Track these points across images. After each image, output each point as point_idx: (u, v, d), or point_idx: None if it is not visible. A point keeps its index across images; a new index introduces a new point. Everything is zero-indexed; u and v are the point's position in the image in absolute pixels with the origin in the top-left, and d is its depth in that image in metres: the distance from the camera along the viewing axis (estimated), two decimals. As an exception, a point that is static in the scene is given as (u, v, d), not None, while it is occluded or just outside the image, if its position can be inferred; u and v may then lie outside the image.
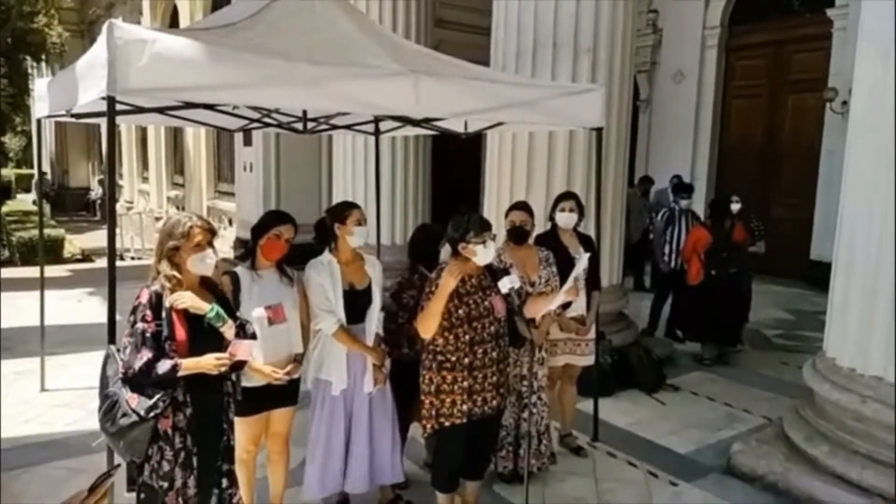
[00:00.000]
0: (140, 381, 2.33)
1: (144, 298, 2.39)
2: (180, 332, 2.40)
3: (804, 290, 8.78)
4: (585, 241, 4.06)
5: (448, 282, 2.79)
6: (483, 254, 2.89)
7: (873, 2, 3.57)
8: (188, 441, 2.46)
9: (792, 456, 3.76)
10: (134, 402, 2.30)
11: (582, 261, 3.35)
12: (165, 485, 2.43)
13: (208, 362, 2.41)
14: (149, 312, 2.37)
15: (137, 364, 2.31)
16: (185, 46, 2.59)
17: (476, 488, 3.27)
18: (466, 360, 2.91)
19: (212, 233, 2.54)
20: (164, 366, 2.33)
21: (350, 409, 3.23)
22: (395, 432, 3.34)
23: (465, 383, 2.92)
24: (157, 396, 2.33)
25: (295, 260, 3.09)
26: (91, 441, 2.58)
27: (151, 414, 2.31)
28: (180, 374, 2.35)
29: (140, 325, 2.35)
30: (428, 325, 2.89)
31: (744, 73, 10.58)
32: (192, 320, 2.45)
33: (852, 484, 3.40)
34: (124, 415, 2.29)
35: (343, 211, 3.20)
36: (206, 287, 2.59)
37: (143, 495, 2.46)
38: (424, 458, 3.82)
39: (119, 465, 2.39)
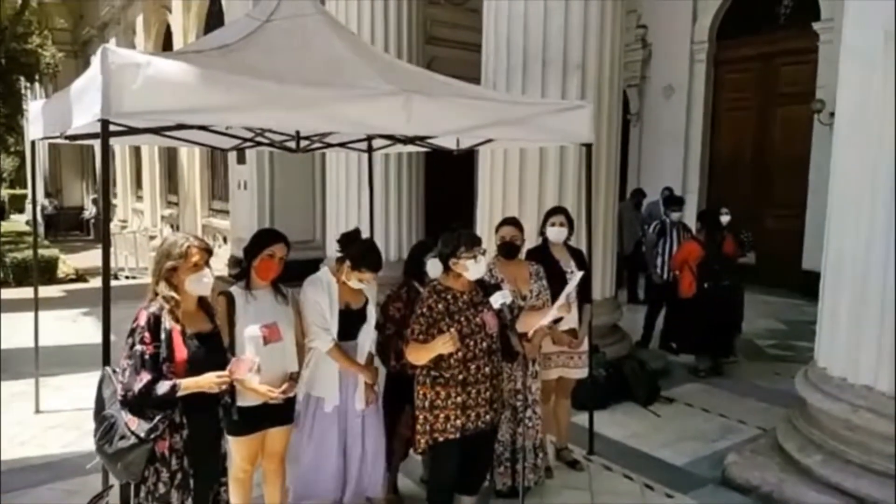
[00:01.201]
0: (140, 403, 2.33)
1: (143, 320, 2.39)
2: (180, 353, 2.41)
3: (797, 300, 8.82)
4: (576, 256, 4.09)
5: (438, 347, 2.82)
6: (474, 268, 2.92)
7: (855, 16, 3.64)
8: (185, 463, 2.46)
9: (786, 466, 3.77)
10: (134, 424, 2.30)
11: (575, 278, 3.38)
12: None
13: (209, 381, 2.42)
14: (147, 334, 2.37)
15: (137, 386, 2.31)
16: (178, 70, 2.63)
17: (472, 504, 3.27)
18: (460, 377, 2.93)
19: (209, 252, 2.56)
20: (163, 387, 2.34)
21: (344, 427, 3.24)
22: (383, 449, 3.35)
23: (459, 399, 2.93)
24: (157, 418, 2.33)
25: (288, 278, 3.10)
26: (86, 463, 2.58)
27: (152, 436, 2.32)
28: (179, 394, 2.36)
29: (139, 348, 2.35)
30: (417, 358, 2.93)
31: (733, 87, 10.71)
32: (191, 340, 2.46)
33: (846, 493, 3.42)
34: (122, 437, 2.29)
35: (361, 262, 3.09)
36: (202, 308, 2.61)
37: (138, 517, 2.45)
38: (421, 474, 3.82)
39: (112, 486, 2.39)
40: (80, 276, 13.07)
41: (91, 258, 15.19)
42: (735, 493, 3.85)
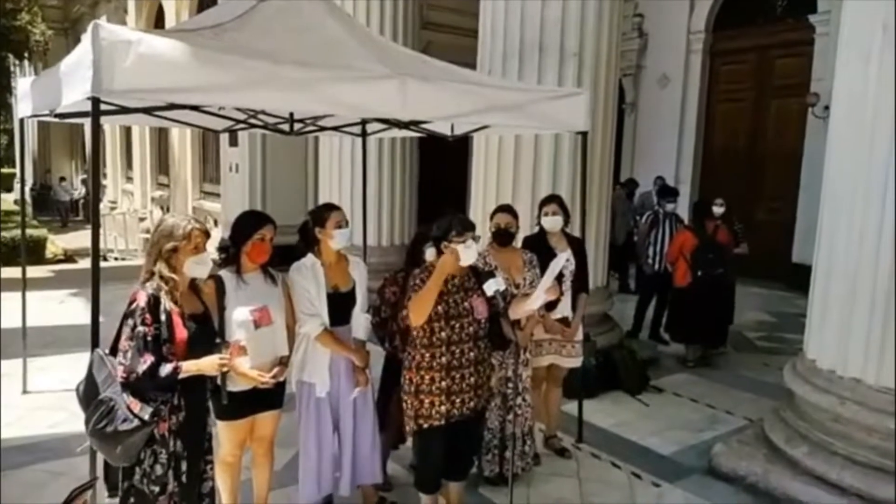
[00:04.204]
0: (143, 385, 2.31)
1: (142, 301, 2.36)
2: (181, 333, 2.40)
3: (786, 293, 8.88)
4: (574, 244, 4.07)
5: (445, 267, 2.82)
6: (465, 253, 2.90)
7: (853, 7, 3.63)
8: (178, 445, 2.45)
9: (772, 457, 3.81)
10: (136, 407, 2.28)
11: (557, 261, 3.35)
12: (157, 489, 2.42)
13: (211, 364, 2.40)
14: (148, 316, 2.35)
15: (141, 368, 2.30)
16: (170, 48, 2.58)
17: (459, 489, 3.28)
18: (444, 360, 2.92)
19: (207, 235, 2.54)
20: (165, 369, 2.33)
21: (336, 412, 3.24)
22: (375, 434, 3.35)
23: (444, 384, 2.93)
24: (159, 401, 2.33)
25: (274, 261, 3.07)
26: (74, 445, 2.56)
27: (155, 418, 2.31)
28: (181, 376, 2.35)
29: (141, 329, 2.33)
30: (421, 310, 2.88)
31: (728, 78, 10.70)
32: (189, 322, 2.44)
33: (831, 484, 3.46)
34: (125, 420, 2.26)
35: (323, 214, 3.18)
36: (192, 290, 2.58)
37: (132, 500, 2.43)
38: (410, 460, 3.82)
39: (97, 479, 2.37)
40: (69, 257, 12.97)
41: (80, 239, 15.07)
42: (721, 483, 3.88)
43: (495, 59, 5.39)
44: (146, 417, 2.28)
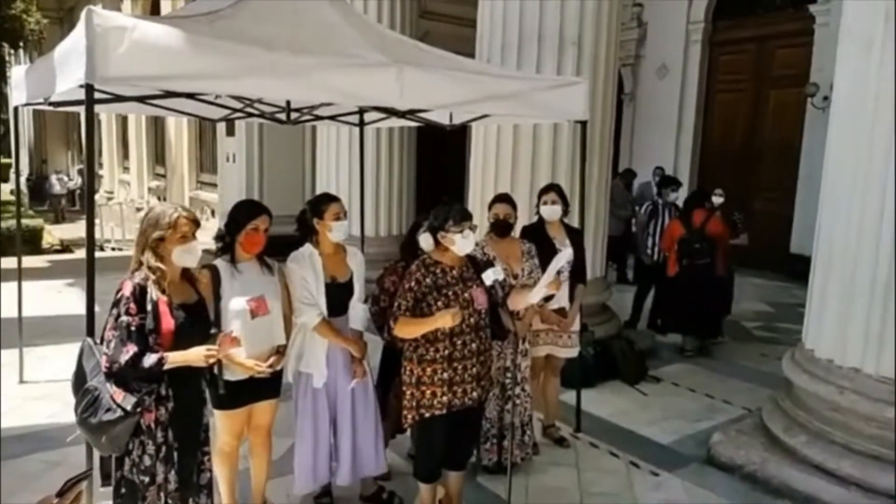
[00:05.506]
0: (125, 375, 2.29)
1: (128, 291, 2.34)
2: (167, 323, 2.37)
3: (784, 283, 8.89)
4: (573, 234, 4.06)
5: (445, 320, 2.79)
6: (461, 243, 2.88)
7: (854, -2, 3.61)
8: (169, 436, 2.44)
9: (770, 446, 3.81)
10: (119, 397, 2.27)
11: (561, 256, 3.34)
12: (146, 479, 2.41)
13: (198, 355, 2.39)
14: (133, 305, 2.32)
15: (123, 358, 2.28)
16: (165, 34, 2.55)
17: (459, 479, 3.27)
18: (446, 352, 2.91)
19: (196, 224, 2.51)
20: (149, 360, 2.30)
21: (334, 402, 3.23)
22: (378, 424, 3.34)
23: (445, 375, 2.92)
24: (143, 391, 2.30)
25: (272, 251, 3.05)
26: (70, 435, 2.55)
27: (138, 409, 2.29)
28: (166, 367, 2.33)
29: (125, 319, 2.31)
30: (408, 334, 2.91)
31: (727, 68, 10.66)
32: (178, 311, 2.42)
33: (829, 473, 3.46)
34: (108, 409, 2.25)
35: (321, 205, 3.14)
36: (186, 279, 2.56)
37: (123, 490, 2.43)
38: (409, 448, 3.82)
39: (91, 471, 2.37)
40: (65, 247, 12.92)
41: (76, 229, 15.03)
42: (719, 472, 3.89)
43: (494, 48, 5.35)
44: (128, 408, 2.26)
